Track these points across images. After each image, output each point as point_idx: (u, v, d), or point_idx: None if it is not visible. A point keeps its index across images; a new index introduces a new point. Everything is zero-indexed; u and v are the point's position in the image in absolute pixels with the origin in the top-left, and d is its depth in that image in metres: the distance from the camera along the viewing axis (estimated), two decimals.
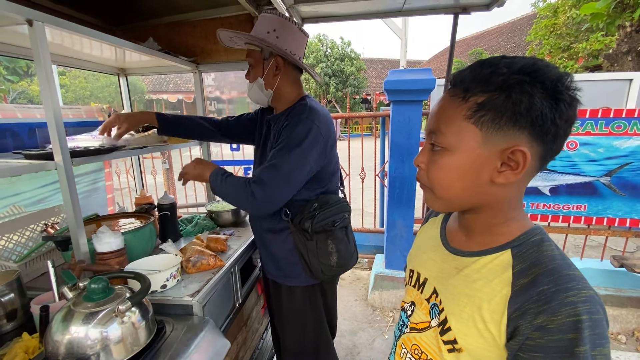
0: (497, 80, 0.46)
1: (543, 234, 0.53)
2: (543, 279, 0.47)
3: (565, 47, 7.63)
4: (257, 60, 1.16)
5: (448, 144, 0.51)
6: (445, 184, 0.53)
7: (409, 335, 0.64)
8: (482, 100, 0.48)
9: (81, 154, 1.06)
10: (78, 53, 1.50)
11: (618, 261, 2.25)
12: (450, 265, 0.60)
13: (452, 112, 0.51)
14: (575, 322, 0.43)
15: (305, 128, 1.06)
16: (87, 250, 1.03)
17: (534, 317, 0.45)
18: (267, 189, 1.04)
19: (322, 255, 1.16)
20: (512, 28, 14.39)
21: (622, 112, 2.22)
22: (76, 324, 0.73)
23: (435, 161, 0.54)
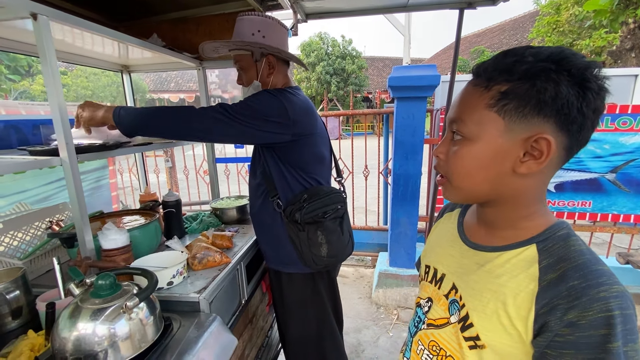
0: (521, 69, 0.45)
1: (569, 228, 0.52)
2: (572, 274, 0.46)
3: (568, 45, 7.59)
4: (249, 64, 1.17)
5: (469, 132, 0.50)
6: (466, 173, 0.52)
7: (427, 332, 0.63)
8: (505, 89, 0.47)
9: (86, 150, 1.05)
10: (81, 49, 1.49)
11: (624, 258, 2.23)
12: (470, 260, 0.58)
13: (474, 101, 0.50)
14: (607, 317, 0.42)
15: (267, 98, 1.07)
16: (93, 247, 1.02)
17: (564, 313, 0.44)
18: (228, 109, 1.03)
19: (312, 246, 1.18)
20: (514, 25, 14.34)
21: (628, 108, 2.20)
22: (84, 320, 0.72)
23: (455, 150, 0.53)
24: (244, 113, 1.04)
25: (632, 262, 2.18)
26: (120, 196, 2.66)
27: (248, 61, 1.16)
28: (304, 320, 1.31)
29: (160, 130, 1.05)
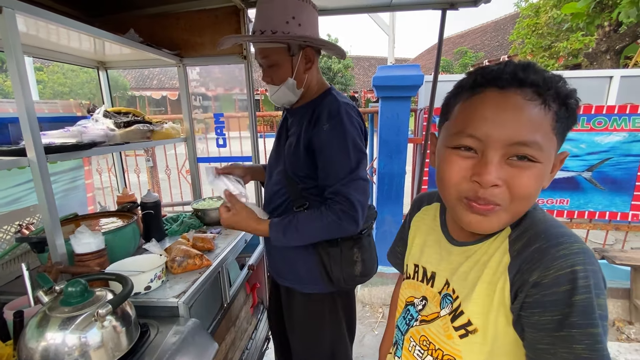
0: (564, 91, 0.46)
1: (535, 204, 0.54)
2: (535, 238, 0.48)
3: (546, 47, 7.83)
4: (283, 59, 0.98)
5: (543, 156, 0.46)
6: (531, 197, 0.49)
7: (418, 328, 0.64)
8: (556, 110, 0.46)
9: (57, 150, 1.00)
10: (54, 45, 1.42)
11: (599, 253, 2.32)
12: (459, 256, 0.60)
13: (540, 120, 0.46)
14: (568, 273, 0.43)
15: (354, 129, 0.97)
16: (65, 251, 0.98)
17: (529, 275, 0.46)
18: (361, 208, 0.95)
19: (345, 264, 1.05)
20: (495, 27, 14.67)
21: (603, 109, 2.28)
22: (52, 329, 0.69)
23: (523, 175, 0.47)
24: (360, 183, 0.95)
25: (607, 257, 2.27)
26: (98, 197, 2.57)
27: (281, 55, 0.97)
28: (316, 342, 1.17)
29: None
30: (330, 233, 0.98)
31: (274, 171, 1.11)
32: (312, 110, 1.02)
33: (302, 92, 1.05)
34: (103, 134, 1.27)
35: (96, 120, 1.38)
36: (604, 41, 5.57)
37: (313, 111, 1.01)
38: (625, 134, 2.28)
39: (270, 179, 1.14)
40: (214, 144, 1.94)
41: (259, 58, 1.02)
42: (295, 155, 1.01)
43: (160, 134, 1.58)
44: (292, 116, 1.10)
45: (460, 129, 0.50)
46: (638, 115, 2.25)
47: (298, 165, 1.02)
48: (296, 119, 1.07)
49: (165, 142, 1.65)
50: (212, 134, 1.95)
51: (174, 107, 10.81)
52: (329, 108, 0.98)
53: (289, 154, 1.03)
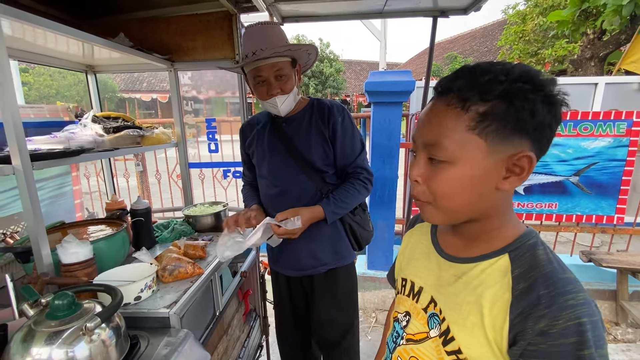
0: (497, 89, 0.46)
1: (537, 237, 0.53)
2: (542, 283, 0.47)
3: (533, 53, 8.02)
4: (291, 71, 1.17)
5: (451, 157, 0.49)
6: (451, 196, 0.51)
7: (406, 347, 0.62)
8: (484, 110, 0.46)
9: (44, 157, 0.97)
10: (41, 48, 1.39)
11: (586, 256, 2.36)
12: (447, 272, 0.58)
13: (452, 124, 0.48)
14: (576, 325, 0.43)
15: (351, 118, 1.26)
16: (51, 261, 0.95)
17: (535, 322, 0.45)
18: (372, 174, 1.27)
19: (366, 225, 1.32)
20: (484, 33, 14.96)
21: (589, 115, 2.34)
22: (38, 344, 0.66)
23: (437, 174, 0.51)
24: (366, 156, 1.28)
25: (593, 260, 2.31)
26: (86, 202, 2.52)
27: (289, 67, 1.16)
28: (353, 307, 1.40)
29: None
30: (362, 197, 1.24)
31: (290, 177, 1.24)
32: (318, 113, 1.23)
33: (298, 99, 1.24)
34: (92, 140, 1.24)
35: (84, 125, 1.35)
36: (589, 48, 5.73)
37: (319, 113, 1.22)
38: (610, 139, 2.34)
39: (284, 185, 1.26)
40: (206, 149, 1.92)
41: (270, 72, 1.14)
42: (318, 149, 1.22)
43: (151, 139, 1.56)
44: (291, 123, 1.25)
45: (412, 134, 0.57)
46: (622, 121, 2.31)
47: (321, 156, 1.22)
48: (297, 123, 1.24)
49: (155, 147, 1.62)
50: (204, 137, 1.93)
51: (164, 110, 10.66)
52: (335, 106, 1.24)
53: (313, 150, 1.21)
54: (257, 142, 1.31)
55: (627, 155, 2.35)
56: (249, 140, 1.35)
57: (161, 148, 1.68)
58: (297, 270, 1.33)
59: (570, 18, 5.53)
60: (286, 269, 1.36)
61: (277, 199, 1.27)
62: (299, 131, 1.23)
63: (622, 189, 2.41)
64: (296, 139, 1.23)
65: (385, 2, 1.65)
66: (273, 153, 1.26)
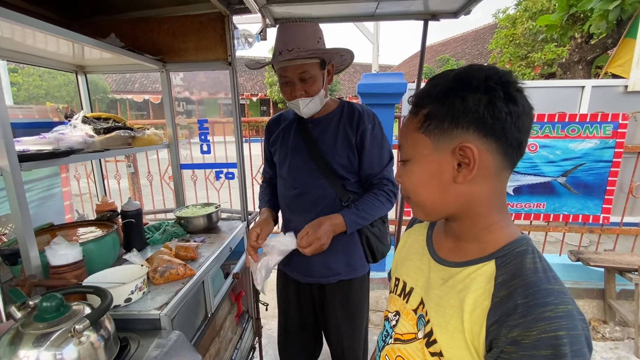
0: (436, 92, 0.52)
1: (528, 244, 0.52)
2: (521, 292, 0.46)
3: (523, 56, 8.15)
4: (318, 73, 1.12)
5: (407, 155, 0.57)
6: (415, 190, 0.57)
7: (394, 347, 0.63)
8: (427, 112, 0.53)
9: (32, 158, 0.96)
10: (30, 48, 1.37)
11: (575, 255, 2.41)
12: (436, 275, 0.59)
13: (408, 127, 0.56)
14: (550, 338, 0.42)
15: (381, 127, 1.24)
16: (39, 263, 0.93)
17: (509, 331, 0.44)
18: (398, 189, 1.17)
19: (383, 238, 1.29)
20: (475, 36, 15.16)
21: (576, 117, 2.39)
22: (26, 347, 0.66)
23: (405, 173, 0.58)
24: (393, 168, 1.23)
25: (581, 259, 2.36)
26: (76, 204, 2.49)
27: (316, 69, 1.11)
28: (363, 319, 1.35)
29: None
30: (385, 209, 1.21)
31: (310, 180, 1.21)
32: (347, 117, 1.19)
33: (326, 102, 1.20)
34: (82, 141, 1.23)
35: (74, 126, 1.34)
36: (577, 52, 5.85)
37: (349, 117, 1.19)
38: (597, 141, 2.39)
39: (303, 187, 1.22)
40: (198, 150, 1.91)
41: (295, 74, 1.10)
42: (341, 155, 1.18)
43: (142, 140, 1.55)
44: (317, 124, 1.22)
45: None
46: (608, 124, 2.36)
47: (345, 162, 1.18)
48: (324, 126, 1.21)
49: (147, 149, 1.61)
50: (196, 138, 1.92)
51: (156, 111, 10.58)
52: (366, 112, 1.20)
53: (337, 155, 1.18)
54: (282, 141, 1.28)
55: (613, 156, 2.40)
56: (273, 137, 1.31)
57: (153, 149, 1.67)
58: (308, 277, 1.28)
59: (559, 22, 5.65)
60: (297, 274, 1.31)
61: (294, 201, 1.25)
62: (325, 134, 1.20)
63: (608, 189, 2.46)
64: (321, 141, 1.19)
65: (377, 5, 1.67)
66: (295, 153, 1.23)
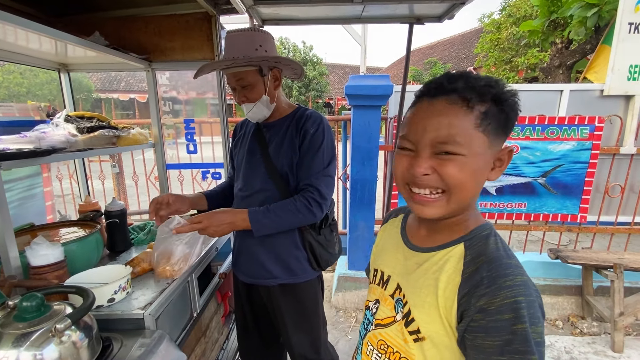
0: (492, 92, 0.53)
1: (491, 229, 0.59)
2: (486, 267, 0.53)
3: (507, 60, 8.36)
4: (256, 80, 1.13)
5: (462, 150, 0.53)
6: (461, 184, 0.55)
7: (375, 332, 0.66)
8: (485, 110, 0.53)
9: (12, 157, 0.95)
10: (11, 45, 1.35)
11: (554, 253, 2.49)
12: (411, 261, 0.63)
13: (462, 121, 0.53)
14: (511, 303, 0.48)
15: (331, 136, 1.20)
16: (19, 264, 0.92)
17: (476, 300, 0.50)
18: (327, 200, 1.15)
19: (329, 247, 1.27)
20: (462, 40, 15.45)
21: (555, 120, 2.47)
22: (5, 347, 0.65)
23: (448, 167, 0.54)
24: (329, 179, 1.17)
25: (560, 257, 2.44)
26: (58, 205, 2.43)
27: (254, 77, 1.13)
28: (315, 325, 1.32)
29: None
30: (301, 217, 1.12)
31: (258, 182, 1.22)
32: (296, 121, 1.19)
33: (274, 107, 1.20)
34: (64, 140, 1.21)
35: (56, 125, 1.32)
36: (557, 57, 6.03)
37: (297, 121, 1.19)
38: (574, 142, 2.48)
39: (251, 190, 1.23)
40: (184, 150, 1.90)
41: (233, 81, 1.15)
42: (286, 158, 1.18)
43: (127, 140, 1.53)
44: (270, 129, 1.24)
45: (402, 134, 0.60)
46: (585, 126, 2.46)
47: (288, 165, 1.18)
48: (276, 130, 1.22)
49: (132, 148, 1.60)
50: (183, 138, 1.91)
51: (142, 111, 10.39)
52: (312, 117, 1.19)
53: (281, 157, 1.18)
54: (241, 144, 1.31)
55: (590, 157, 2.50)
56: (235, 140, 1.36)
57: (138, 149, 1.65)
58: (251, 278, 1.27)
59: (540, 28, 5.83)
60: (242, 275, 1.31)
61: (242, 202, 1.25)
62: (275, 137, 1.21)
63: (585, 190, 2.55)
64: (270, 145, 1.21)
65: (362, 8, 1.70)
66: (249, 157, 1.25)
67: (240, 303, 1.39)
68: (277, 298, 1.25)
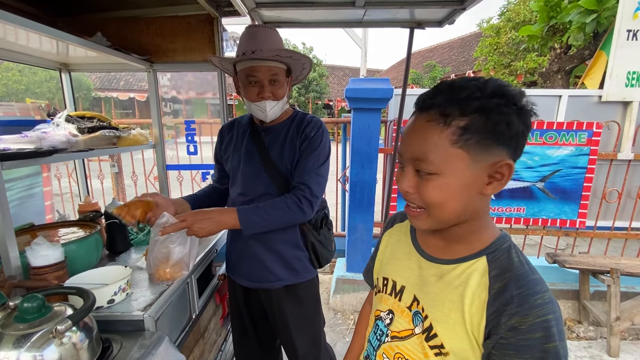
0: (475, 104, 0.49)
1: (510, 240, 0.59)
2: (514, 284, 0.52)
3: (506, 64, 8.40)
4: (284, 78, 1.15)
5: (437, 169, 0.52)
6: (443, 204, 0.54)
7: (391, 344, 0.64)
8: (464, 124, 0.49)
9: (13, 157, 0.95)
10: (12, 44, 1.35)
11: (551, 258, 2.50)
12: (428, 272, 0.61)
13: (436, 139, 0.51)
14: (542, 322, 0.49)
15: (328, 139, 1.22)
16: (19, 264, 0.92)
17: (508, 319, 0.50)
18: (318, 198, 1.15)
19: (328, 245, 1.30)
20: (461, 44, 15.51)
21: (554, 125, 2.49)
22: (5, 348, 0.65)
23: (426, 185, 0.53)
24: (321, 178, 1.17)
25: (558, 261, 2.45)
26: (57, 204, 2.43)
27: (284, 76, 1.15)
28: (316, 323, 1.34)
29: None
30: (291, 214, 1.10)
31: (260, 187, 1.20)
32: (296, 125, 1.20)
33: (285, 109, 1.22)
34: (65, 140, 1.21)
35: (57, 124, 1.32)
36: (556, 62, 6.07)
37: (298, 125, 1.20)
38: (573, 148, 2.50)
39: (253, 194, 1.20)
40: (185, 151, 1.90)
41: (266, 75, 1.10)
42: (288, 162, 1.18)
43: (128, 140, 1.53)
44: (269, 132, 1.22)
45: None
46: (583, 131, 2.48)
47: (291, 169, 1.18)
48: (276, 134, 1.22)
49: (132, 149, 1.60)
50: (183, 139, 1.91)
51: (142, 109, 10.37)
52: (314, 122, 1.21)
53: (284, 160, 1.18)
54: (235, 147, 1.26)
55: (588, 163, 2.52)
56: (225, 143, 1.30)
57: (138, 149, 1.66)
58: (252, 282, 1.25)
59: (539, 33, 5.87)
60: (241, 279, 1.28)
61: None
62: (275, 141, 1.20)
63: (584, 195, 2.57)
64: (271, 149, 1.20)
65: (364, 12, 1.71)
66: (248, 161, 1.22)
67: (238, 308, 1.36)
68: (280, 300, 1.24)
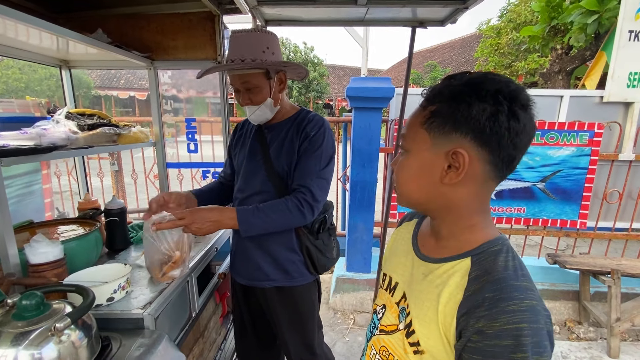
0: (447, 92, 0.52)
1: (504, 244, 0.54)
2: (490, 287, 0.49)
3: (507, 65, 8.39)
4: (262, 82, 1.12)
5: (407, 146, 0.58)
6: (403, 181, 0.59)
7: (379, 337, 0.66)
8: (434, 109, 0.53)
9: (12, 153, 0.94)
10: (11, 40, 1.34)
11: (552, 258, 2.50)
12: (418, 270, 0.62)
13: (414, 120, 0.57)
14: (512, 329, 0.45)
15: (331, 139, 1.18)
16: (18, 262, 0.92)
17: (476, 321, 0.47)
18: (319, 202, 1.13)
19: (327, 251, 1.26)
20: (462, 44, 15.51)
21: (555, 125, 2.49)
22: (3, 345, 0.64)
23: (400, 162, 0.60)
24: (324, 182, 1.15)
25: (558, 262, 2.45)
26: (56, 202, 2.42)
27: (261, 79, 1.11)
28: (311, 328, 1.31)
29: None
30: (291, 217, 1.09)
31: (258, 184, 1.20)
32: (297, 123, 1.18)
33: (277, 110, 1.19)
34: (65, 137, 1.20)
35: (57, 121, 1.31)
36: (557, 62, 6.06)
37: (298, 124, 1.18)
38: (574, 148, 2.50)
39: (251, 191, 1.22)
40: (185, 149, 1.90)
41: (238, 83, 1.12)
42: (286, 161, 1.16)
43: (128, 138, 1.52)
44: (271, 131, 1.22)
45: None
46: (584, 132, 2.47)
47: (287, 168, 1.16)
48: (278, 131, 1.21)
49: (132, 146, 1.59)
50: (183, 137, 1.90)
51: (142, 108, 10.34)
52: (314, 120, 1.18)
53: (281, 158, 1.16)
54: (241, 145, 1.29)
55: (589, 163, 2.51)
56: (235, 139, 1.34)
57: (138, 147, 1.65)
58: (247, 279, 1.26)
59: (541, 34, 5.86)
60: (238, 276, 1.30)
61: (241, 204, 1.23)
62: (276, 140, 1.20)
63: (585, 195, 2.57)
64: (271, 147, 1.20)
65: (366, 10, 1.70)
66: (250, 158, 1.23)
67: (238, 305, 1.38)
68: (273, 300, 1.24)
